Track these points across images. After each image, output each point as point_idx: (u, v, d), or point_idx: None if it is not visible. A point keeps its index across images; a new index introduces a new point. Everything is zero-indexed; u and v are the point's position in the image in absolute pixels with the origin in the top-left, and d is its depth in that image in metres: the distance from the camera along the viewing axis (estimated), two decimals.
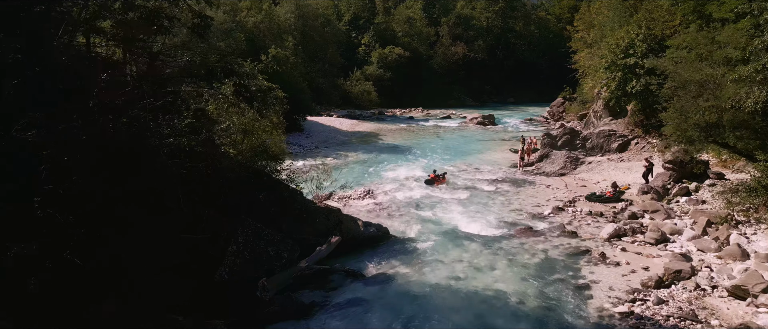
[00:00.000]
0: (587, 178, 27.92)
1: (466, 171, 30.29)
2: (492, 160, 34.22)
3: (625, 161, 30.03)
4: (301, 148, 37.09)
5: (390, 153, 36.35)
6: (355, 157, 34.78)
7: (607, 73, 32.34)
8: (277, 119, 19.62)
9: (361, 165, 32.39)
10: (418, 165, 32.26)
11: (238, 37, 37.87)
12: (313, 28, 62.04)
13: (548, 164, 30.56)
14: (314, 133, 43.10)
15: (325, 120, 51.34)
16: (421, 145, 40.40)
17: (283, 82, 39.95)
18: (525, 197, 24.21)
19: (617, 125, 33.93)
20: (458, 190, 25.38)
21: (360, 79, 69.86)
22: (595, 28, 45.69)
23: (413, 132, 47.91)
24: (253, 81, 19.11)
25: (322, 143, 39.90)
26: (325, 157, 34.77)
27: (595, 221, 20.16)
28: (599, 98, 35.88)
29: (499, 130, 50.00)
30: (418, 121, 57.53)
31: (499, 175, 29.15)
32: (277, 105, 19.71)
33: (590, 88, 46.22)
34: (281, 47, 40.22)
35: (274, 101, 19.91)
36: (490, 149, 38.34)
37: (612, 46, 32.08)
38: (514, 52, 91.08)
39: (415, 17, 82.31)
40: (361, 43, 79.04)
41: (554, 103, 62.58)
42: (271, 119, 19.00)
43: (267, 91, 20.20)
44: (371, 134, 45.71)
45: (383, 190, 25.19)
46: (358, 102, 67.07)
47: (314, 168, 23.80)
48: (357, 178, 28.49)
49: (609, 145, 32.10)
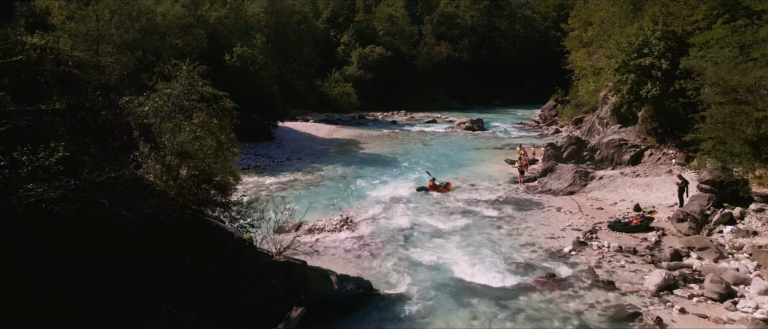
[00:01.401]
0: (602, 198, 23.98)
1: (462, 189, 26.14)
2: (488, 174, 30.15)
3: (641, 176, 26.20)
4: (270, 161, 32.57)
5: (372, 165, 32.04)
6: (332, 171, 30.39)
7: (618, 75, 28.52)
8: (226, 137, 15.11)
9: (338, 181, 28.02)
10: (405, 180, 28.03)
11: (198, 33, 33.26)
12: (288, 25, 57.44)
13: (554, 180, 26.59)
14: (287, 142, 38.57)
15: (300, 126, 46.82)
16: (407, 154, 36.18)
17: (250, 85, 35.44)
18: (535, 225, 20.12)
19: (627, 133, 30.15)
20: (455, 216, 21.19)
21: (339, 81, 65.48)
22: (594, 26, 41.99)
23: (397, 139, 43.69)
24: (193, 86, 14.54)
25: (295, 154, 35.40)
26: (297, 170, 30.30)
27: (629, 261, 16.14)
28: (605, 103, 32.11)
29: (490, 136, 46.07)
30: (402, 125, 53.35)
31: (499, 194, 25.07)
32: (226, 118, 15.15)
33: (588, 91, 42.60)
34: (249, 45, 35.69)
35: (220, 113, 15.40)
36: (483, 160, 34.30)
37: (623, 45, 28.27)
38: (499, 52, 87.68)
39: (397, 15, 78.21)
40: (341, 42, 74.73)
41: (546, 106, 58.99)
42: (216, 136, 14.52)
43: (212, 99, 15.62)
44: (351, 142, 41.34)
45: (365, 217, 20.87)
46: (337, 105, 62.66)
47: (274, 200, 19.40)
48: (334, 200, 24.12)
49: (620, 157, 28.28)
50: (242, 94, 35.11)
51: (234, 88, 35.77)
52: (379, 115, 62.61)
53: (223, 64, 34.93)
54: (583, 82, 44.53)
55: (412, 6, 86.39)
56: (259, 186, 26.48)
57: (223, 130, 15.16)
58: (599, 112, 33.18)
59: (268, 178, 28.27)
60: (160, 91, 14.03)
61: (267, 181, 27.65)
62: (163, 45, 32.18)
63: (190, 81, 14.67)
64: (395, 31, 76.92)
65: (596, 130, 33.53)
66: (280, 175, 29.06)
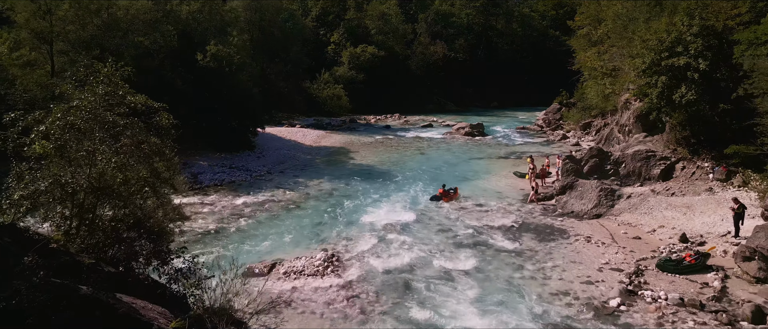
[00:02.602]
0: (635, 222, 20.28)
1: (469, 210, 22.35)
2: (496, 189, 26.39)
3: (676, 194, 22.51)
4: (247, 175, 28.58)
5: (364, 180, 28.17)
6: (317, 188, 26.49)
7: (644, 77, 24.84)
8: (165, 165, 11.22)
9: (325, 201, 24.12)
10: (402, 199, 24.20)
11: (166, 30, 29.29)
12: (273, 23, 53.50)
13: (576, 199, 22.86)
14: (269, 151, 34.59)
15: (285, 132, 42.85)
16: (403, 165, 32.35)
17: (226, 88, 31.48)
18: (564, 262, 16.35)
19: (654, 143, 26.48)
20: (465, 251, 17.38)
21: (329, 82, 61.51)
22: (606, 23, 38.37)
23: (391, 146, 39.84)
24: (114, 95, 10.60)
25: (277, 165, 31.43)
26: (277, 187, 26.35)
27: (698, 322, 12.40)
28: (626, 109, 28.46)
29: (492, 143, 42.33)
30: (396, 130, 49.50)
31: (513, 217, 21.31)
32: (166, 137, 11.25)
33: (598, 94, 39.03)
34: (225, 43, 31.74)
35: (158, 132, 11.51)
36: (489, 171, 30.53)
37: (651, 43, 24.60)
38: (496, 52, 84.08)
39: (390, 13, 74.27)
40: (331, 42, 70.80)
41: (549, 110, 55.41)
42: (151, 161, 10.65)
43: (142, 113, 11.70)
44: (341, 151, 37.43)
45: (355, 253, 17.00)
46: (326, 108, 58.70)
47: (221, 267, 15.45)
48: (318, 228, 20.20)
49: (649, 171, 24.63)
50: (217, 98, 31.27)
51: (208, 92, 32.05)
52: (372, 119, 58.76)
53: (195, 64, 30.93)
54: (592, 83, 40.97)
55: (405, 4, 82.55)
56: (230, 210, 22.53)
57: (160, 154, 11.24)
58: (619, 119, 29.54)
59: (243, 197, 24.32)
60: (63, 105, 10.07)
61: (240, 201, 23.70)
62: (124, 43, 28.16)
63: (111, 88, 10.68)
64: (388, 29, 73.06)
65: (615, 138, 29.88)
66: (257, 193, 25.11)
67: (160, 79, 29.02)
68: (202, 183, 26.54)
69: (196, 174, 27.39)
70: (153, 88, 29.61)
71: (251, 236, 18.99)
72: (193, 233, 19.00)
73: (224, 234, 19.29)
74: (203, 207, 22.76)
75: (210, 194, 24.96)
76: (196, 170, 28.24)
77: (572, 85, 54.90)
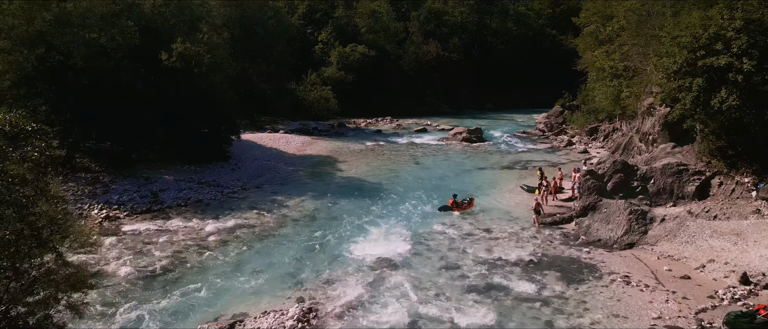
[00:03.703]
0: (677, 254, 16.89)
1: (476, 237, 18.89)
2: (504, 208, 22.92)
3: (719, 217, 19.16)
4: (218, 192, 24.84)
5: (352, 197, 24.59)
6: (298, 208, 22.84)
7: (676, 79, 21.44)
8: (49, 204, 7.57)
9: (305, 226, 20.49)
10: (396, 223, 20.67)
11: (125, 26, 25.49)
12: (256, 19, 49.63)
13: (601, 223, 19.45)
14: (246, 162, 30.84)
15: (267, 138, 39.12)
16: (396, 178, 28.80)
17: (196, 91, 27.75)
18: (604, 316, 12.92)
19: (684, 155, 23.14)
20: (477, 297, 13.89)
21: (316, 83, 57.71)
22: (618, 20, 35.10)
23: (383, 154, 36.26)
24: None
25: (254, 179, 27.72)
26: (251, 208, 22.66)
27: None
28: (650, 115, 25.09)
29: (492, 150, 38.88)
30: (388, 136, 45.92)
31: (531, 247, 17.87)
32: (36, 148, 7.49)
33: (607, 96, 35.77)
34: (194, 41, 27.95)
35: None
36: (493, 185, 27.08)
37: (685, 40, 21.23)
38: (491, 52, 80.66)
39: (381, 11, 70.56)
40: (318, 41, 66.91)
41: (551, 113, 52.11)
42: None
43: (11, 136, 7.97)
44: (327, 160, 33.78)
45: (338, 305, 13.45)
46: (313, 111, 54.89)
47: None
48: (293, 265, 16.57)
49: (681, 188, 21.27)
50: (185, 103, 27.54)
51: (174, 96, 28.26)
52: (362, 123, 55.12)
53: (159, 64, 27.14)
54: (601, 85, 37.67)
55: (397, 1, 78.87)
56: (191, 238, 18.84)
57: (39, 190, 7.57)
58: (640, 126, 26.19)
59: (209, 221, 20.62)
60: None
61: (206, 226, 20.00)
62: (75, 40, 24.32)
63: None
64: (379, 28, 69.34)
65: (636, 148, 26.53)
66: (227, 216, 21.41)
67: (118, 82, 25.23)
68: (163, 203, 22.80)
69: (157, 192, 23.62)
70: (108, 91, 26.07)
71: (210, 279, 15.33)
72: (136, 276, 15.30)
73: (177, 275, 15.62)
74: (160, 235, 19.04)
75: (171, 217, 21.23)
76: (158, 187, 24.48)
77: (573, 86, 51.74)
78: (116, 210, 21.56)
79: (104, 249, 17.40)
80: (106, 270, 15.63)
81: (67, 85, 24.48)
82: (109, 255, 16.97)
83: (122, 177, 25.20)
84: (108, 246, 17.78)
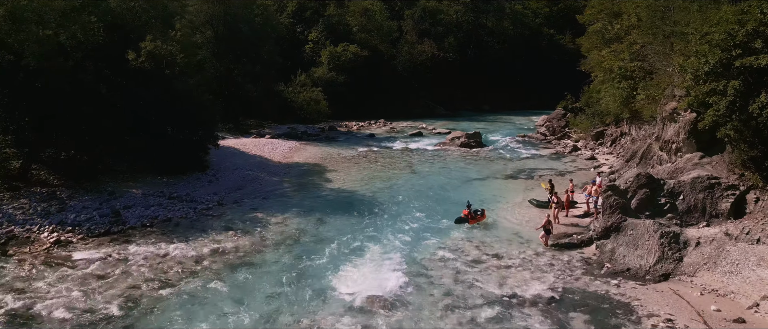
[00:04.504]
0: (723, 288, 14.40)
1: (485, 266, 16.30)
2: (513, 228, 20.35)
3: (762, 240, 16.62)
4: (191, 209, 22.04)
5: (341, 214, 21.93)
6: (280, 229, 20.13)
7: (709, 82, 18.93)
8: None
9: (286, 253, 17.78)
10: (391, 247, 18.02)
11: (87, 22, 22.69)
12: (241, 17, 46.77)
13: (628, 247, 16.92)
14: (226, 172, 28.06)
15: (251, 144, 36.32)
16: (391, 190, 26.16)
17: (169, 94, 24.99)
18: None
19: (714, 166, 20.65)
20: None
21: (306, 85, 54.90)
22: (628, 16, 32.68)
23: (376, 162, 33.60)
24: None
25: (232, 193, 24.96)
26: (226, 228, 19.91)
27: None
28: (672, 121, 22.58)
29: (493, 156, 36.31)
30: (381, 140, 43.25)
31: (550, 279, 15.34)
32: None
33: (616, 99, 33.28)
34: (165, 39, 25.12)
35: None
36: (498, 199, 24.48)
37: (717, 38, 18.74)
38: (487, 52, 78.15)
39: (373, 9, 67.92)
40: (308, 40, 64.16)
41: (553, 115, 49.63)
42: None
43: None
44: (315, 169, 31.07)
45: None
46: (302, 114, 52.09)
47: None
48: (269, 306, 13.87)
49: (714, 204, 18.79)
50: (156, 108, 24.76)
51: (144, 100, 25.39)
52: (354, 126, 52.42)
53: (126, 65, 24.34)
54: (609, 86, 35.18)
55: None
56: (151, 269, 16.08)
57: None
58: (661, 133, 23.70)
59: (177, 245, 17.87)
60: None
61: (171, 252, 17.27)
62: (27, 38, 21.50)
63: None
64: (372, 26, 66.69)
65: (656, 157, 24.03)
66: (197, 238, 18.66)
67: (79, 85, 22.41)
68: (126, 222, 20.00)
69: (120, 210, 20.82)
70: (67, 95, 23.20)
71: (166, 327, 12.58)
72: (73, 324, 12.54)
73: (126, 321, 12.86)
74: (116, 265, 16.28)
75: (133, 240, 18.46)
76: (122, 203, 21.68)
77: (572, 87, 49.34)
78: (70, 233, 18.74)
79: (44, 284, 14.63)
80: (35, 315, 12.87)
81: (17, 88, 21.63)
82: (48, 292, 14.20)
83: (83, 192, 22.37)
84: (51, 280, 15.00)
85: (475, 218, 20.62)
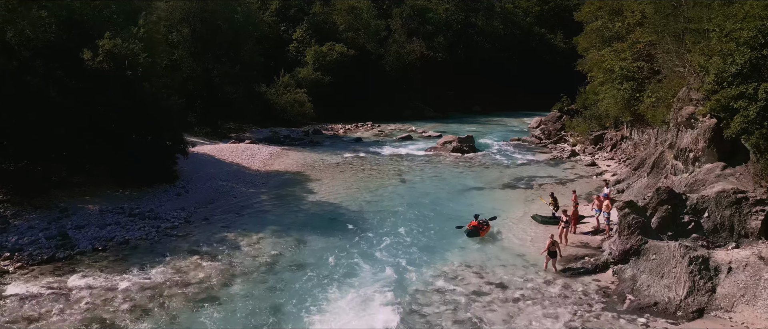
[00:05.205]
0: None
1: (485, 299, 14.03)
2: (518, 250, 18.13)
3: None
4: (153, 228, 19.48)
5: (324, 233, 19.53)
6: (252, 252, 17.68)
7: (736, 85, 16.83)
8: None
9: (258, 283, 15.36)
10: (380, 276, 15.69)
11: (35, 17, 20.07)
12: (220, 15, 44.13)
13: (652, 275, 14.78)
14: (197, 182, 25.53)
15: (228, 150, 33.72)
16: (379, 203, 23.85)
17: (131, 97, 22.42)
18: None
19: (738, 178, 18.55)
20: None
21: (289, 86, 52.44)
22: (632, 12, 30.68)
23: (363, 170, 31.24)
24: None
25: (203, 207, 22.46)
26: (192, 251, 17.42)
27: None
28: (689, 127, 20.50)
29: (488, 162, 34.13)
30: (368, 145, 40.89)
31: (566, 315, 13.22)
32: None
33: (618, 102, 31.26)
34: (126, 37, 22.52)
35: None
36: (497, 211, 22.14)
37: (745, 35, 16.66)
38: (477, 52, 76.06)
39: (361, 7, 65.62)
40: (293, 39, 61.65)
41: (548, 118, 47.76)
42: None
43: None
44: (296, 178, 28.63)
45: None
46: (286, 116, 49.67)
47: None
48: None
49: (743, 222, 16.66)
50: (115, 113, 22.16)
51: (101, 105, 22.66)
52: (340, 129, 50.00)
53: (82, 65, 21.73)
54: (609, 88, 33.13)
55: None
56: (94, 309, 13.56)
57: None
58: (677, 140, 21.61)
59: (129, 277, 15.34)
60: None
61: (122, 286, 14.74)
62: None
63: None
64: (359, 25, 64.40)
65: (670, 166, 21.92)
66: (156, 266, 16.15)
67: (25, 87, 19.77)
68: (75, 246, 17.43)
69: (69, 231, 18.24)
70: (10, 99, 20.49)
71: None
72: None
73: None
74: (55, 300, 13.76)
75: (80, 268, 15.91)
76: (74, 222, 19.09)
77: (564, 88, 47.48)
78: (7, 260, 16.15)
79: None
80: None
81: None
82: None
83: (31, 209, 19.75)
84: None
85: (483, 229, 19.06)
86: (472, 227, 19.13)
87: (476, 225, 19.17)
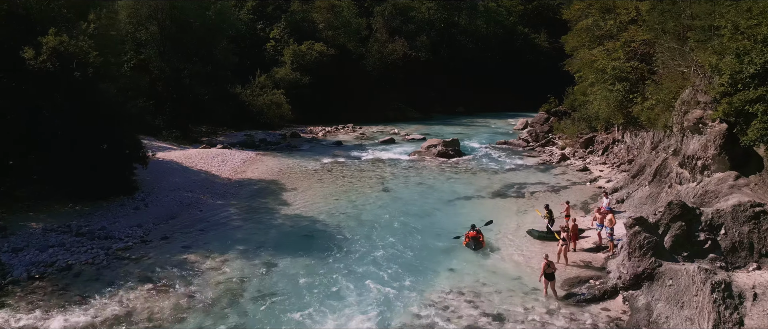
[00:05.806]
0: None
1: None
2: (513, 272, 16.25)
3: None
4: (102, 250, 17.13)
5: (297, 253, 17.42)
6: (216, 278, 15.49)
7: (753, 88, 15.18)
8: None
9: (218, 318, 13.21)
10: (360, 307, 13.71)
11: None
12: (191, 11, 41.59)
13: (669, 304, 13.03)
14: (160, 194, 23.17)
15: (198, 156, 31.31)
16: (360, 215, 21.80)
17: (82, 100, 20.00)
18: None
19: (753, 189, 16.96)
20: None
21: (266, 86, 50.07)
22: (628, 10, 29.14)
23: (343, 177, 29.16)
24: None
25: (163, 223, 20.15)
26: (143, 280, 15.13)
27: None
28: (697, 133, 18.87)
29: (475, 167, 32.32)
30: (349, 149, 38.81)
31: None
32: None
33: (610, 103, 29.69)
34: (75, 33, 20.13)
35: None
36: (489, 226, 20.21)
37: (764, 32, 15.00)
38: (461, 51, 74.58)
39: (341, 5, 63.52)
40: (270, 38, 59.27)
41: (535, 120, 46.21)
42: None
43: None
44: (270, 187, 26.45)
45: None
46: (262, 119, 47.34)
47: None
48: None
49: (762, 239, 15.02)
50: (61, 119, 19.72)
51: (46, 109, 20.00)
52: (319, 131, 47.83)
53: (23, 65, 19.25)
54: (601, 88, 31.57)
55: None
56: None
57: None
58: (682, 146, 19.98)
59: (64, 315, 13.05)
60: None
61: (51, 327, 12.43)
62: None
63: None
64: (339, 24, 62.26)
65: (675, 174, 20.27)
66: (98, 299, 13.87)
67: None
68: (9, 273, 15.03)
69: (1, 255, 15.81)
70: None
71: None
72: None
73: None
74: None
75: (9, 303, 13.55)
76: (11, 244, 16.67)
77: (550, 88, 46.03)
78: None
79: None
80: None
81: None
82: None
83: None
84: None
85: (479, 239, 17.89)
86: (472, 238, 17.72)
87: (475, 235, 17.76)
